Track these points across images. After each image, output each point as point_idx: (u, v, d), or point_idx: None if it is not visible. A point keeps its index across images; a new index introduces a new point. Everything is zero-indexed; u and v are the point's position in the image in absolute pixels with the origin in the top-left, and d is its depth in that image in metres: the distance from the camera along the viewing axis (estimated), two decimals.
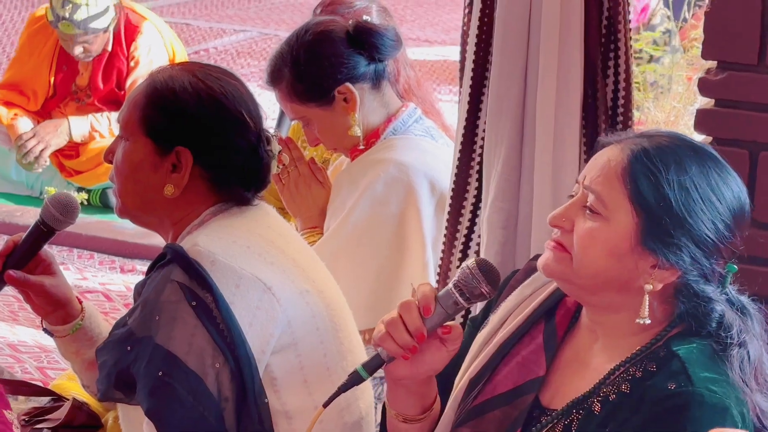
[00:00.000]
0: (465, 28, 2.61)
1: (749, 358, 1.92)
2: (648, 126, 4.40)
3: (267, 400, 2.34)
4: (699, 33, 4.71)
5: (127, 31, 5.44)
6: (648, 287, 1.92)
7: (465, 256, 2.68)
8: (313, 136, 3.24)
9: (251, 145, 2.45)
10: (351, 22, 3.20)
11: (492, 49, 2.54)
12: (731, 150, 2.14)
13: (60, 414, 2.82)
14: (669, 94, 4.66)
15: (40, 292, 2.57)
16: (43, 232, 2.57)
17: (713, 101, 2.35)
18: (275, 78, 3.20)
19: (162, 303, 2.31)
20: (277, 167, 2.55)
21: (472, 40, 2.58)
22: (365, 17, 3.32)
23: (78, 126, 5.40)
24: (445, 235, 2.76)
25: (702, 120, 2.35)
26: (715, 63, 2.34)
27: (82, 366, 2.64)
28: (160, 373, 2.27)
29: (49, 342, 2.70)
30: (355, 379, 2.05)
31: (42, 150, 5.37)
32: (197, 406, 2.28)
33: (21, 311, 3.98)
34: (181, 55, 5.64)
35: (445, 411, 2.13)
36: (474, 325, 2.20)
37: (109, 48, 5.43)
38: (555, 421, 1.98)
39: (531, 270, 2.15)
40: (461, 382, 2.13)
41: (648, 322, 1.93)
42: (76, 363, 2.67)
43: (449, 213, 2.74)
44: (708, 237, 1.92)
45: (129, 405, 2.39)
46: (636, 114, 4.67)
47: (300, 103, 3.17)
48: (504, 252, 2.62)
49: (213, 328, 2.29)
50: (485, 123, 2.58)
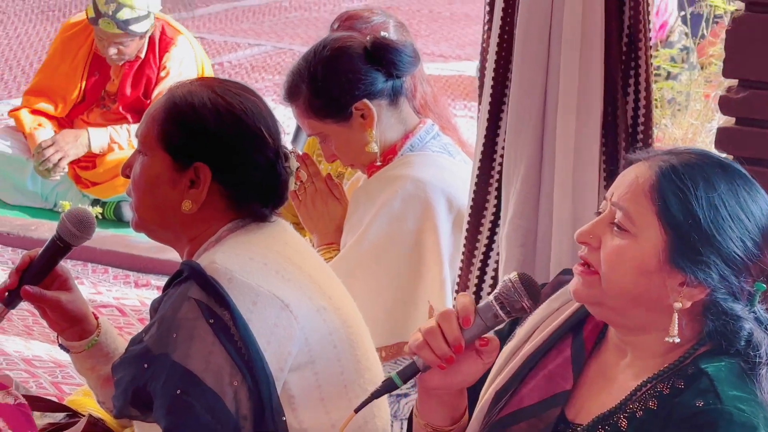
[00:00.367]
0: (484, 45, 2.61)
1: None
2: (666, 143, 4.39)
3: (285, 418, 2.33)
4: (717, 50, 4.71)
5: (162, 42, 5.46)
6: (677, 305, 1.91)
7: (483, 273, 2.68)
8: (330, 152, 3.23)
9: (270, 162, 2.45)
10: (369, 38, 3.20)
11: (512, 67, 2.54)
12: (752, 169, 2.11)
13: (75, 430, 2.82)
14: (687, 111, 4.65)
15: (56, 307, 2.57)
16: (60, 247, 2.57)
17: (734, 119, 2.34)
18: (292, 94, 3.20)
19: (179, 320, 2.30)
20: (295, 184, 2.55)
21: (491, 57, 2.58)
22: (383, 33, 3.31)
23: (97, 137, 5.41)
24: (463, 253, 2.76)
25: (723, 138, 2.35)
26: (736, 81, 2.33)
27: (97, 382, 2.64)
28: (177, 391, 2.26)
29: (64, 357, 2.69)
30: (389, 387, 2.05)
31: (60, 159, 5.37)
32: (215, 424, 2.27)
33: (36, 325, 3.98)
34: (209, 72, 5.66)
35: (471, 423, 2.12)
36: (500, 338, 2.18)
37: (143, 55, 5.44)
38: None
39: (559, 284, 2.15)
40: (487, 394, 2.12)
41: (677, 340, 1.92)
42: (91, 379, 2.66)
43: (467, 230, 2.74)
44: (736, 255, 1.91)
45: (145, 422, 2.37)
46: (654, 131, 4.68)
47: (317, 120, 3.17)
48: (522, 270, 2.59)
49: (231, 345, 2.28)
50: (504, 140, 2.58)
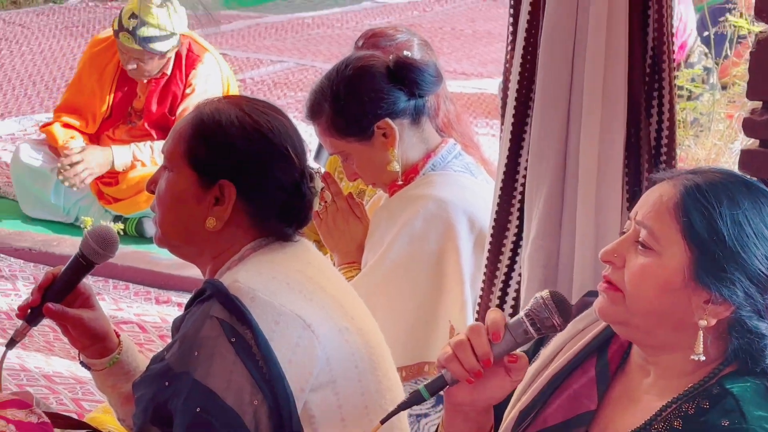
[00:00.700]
0: (507, 64, 2.61)
1: None
2: (689, 163, 4.39)
3: None
4: (741, 70, 4.70)
5: (189, 59, 5.47)
6: (702, 323, 1.91)
7: (505, 294, 2.67)
8: (352, 170, 3.23)
9: (295, 182, 2.45)
10: (392, 57, 3.19)
11: (535, 87, 2.54)
12: None
13: None
14: (709, 131, 4.65)
15: (78, 325, 2.58)
16: (83, 265, 2.58)
17: (758, 141, 2.34)
18: (315, 112, 3.19)
19: (201, 339, 2.30)
20: (319, 204, 2.55)
21: (514, 77, 2.58)
22: (406, 52, 3.31)
23: (121, 155, 5.42)
24: (485, 273, 2.75)
25: (747, 160, 2.34)
26: (761, 103, 2.33)
27: (118, 400, 2.64)
28: (198, 410, 2.26)
29: (85, 373, 2.70)
30: (416, 399, 2.05)
31: (87, 175, 5.40)
32: None
33: (56, 341, 3.99)
34: (234, 89, 5.68)
35: None
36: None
37: (169, 71, 5.47)
38: None
39: (584, 305, 2.15)
40: (511, 413, 2.12)
41: (703, 358, 1.92)
42: (112, 397, 2.67)
43: (489, 251, 2.73)
44: (761, 272, 1.91)
45: None
46: (677, 152, 4.68)
47: (339, 138, 3.16)
48: None
49: (252, 364, 2.28)
50: (527, 161, 2.58)
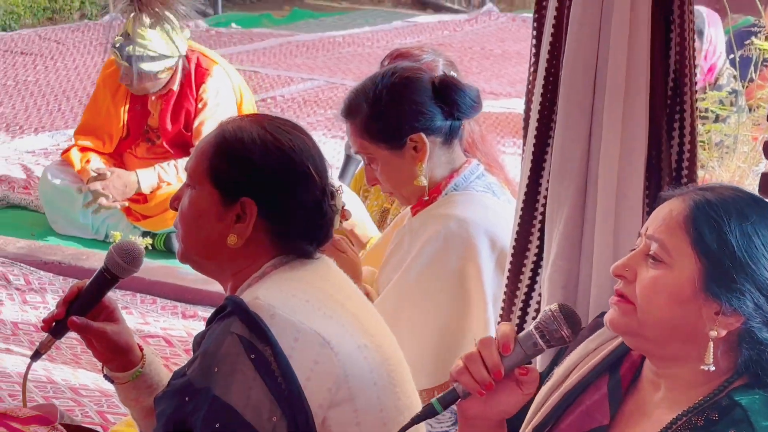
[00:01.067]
0: (530, 86, 2.61)
1: None
2: (721, 182, 4.37)
3: None
4: (765, 93, 4.68)
5: (198, 74, 5.47)
6: (713, 333, 1.93)
7: (525, 314, 2.67)
8: (373, 175, 3.23)
9: (316, 200, 2.46)
10: (439, 74, 3.20)
11: (557, 108, 2.54)
12: None
13: None
14: (734, 154, 4.63)
15: (102, 338, 2.59)
16: (107, 279, 2.59)
17: None
18: (351, 111, 3.19)
19: (221, 355, 2.30)
20: (340, 223, 2.56)
21: (536, 99, 2.58)
22: (452, 73, 3.29)
23: (146, 179, 5.44)
24: (505, 293, 2.75)
25: (766, 184, 2.33)
26: None
27: (141, 413, 2.65)
28: (217, 425, 2.27)
29: (110, 386, 2.71)
30: (430, 412, 2.07)
31: (112, 203, 5.42)
32: None
33: (84, 354, 4.00)
34: (249, 100, 5.65)
35: None
36: (540, 379, 2.19)
37: (175, 88, 5.46)
38: None
39: (596, 326, 2.18)
40: (527, 429, 2.14)
41: (713, 368, 1.93)
42: (135, 410, 2.68)
43: (509, 271, 2.72)
44: None
45: None
46: (701, 173, 4.63)
47: (370, 141, 3.16)
48: None
49: (271, 381, 2.29)
50: (548, 182, 2.57)
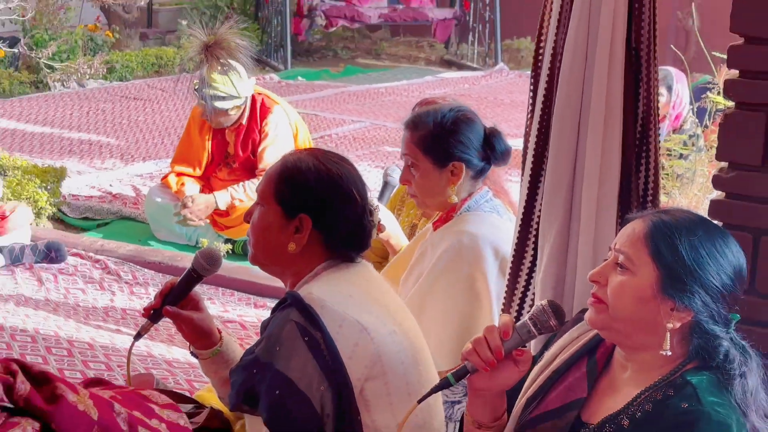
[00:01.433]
0: (527, 129, 2.61)
1: (748, 387, 1.92)
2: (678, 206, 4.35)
3: (360, 417, 2.33)
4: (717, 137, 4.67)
5: (262, 111, 5.46)
6: (669, 326, 1.93)
7: (521, 309, 2.65)
8: (409, 175, 3.17)
9: (358, 216, 2.47)
10: (492, 125, 3.18)
11: (548, 146, 2.53)
12: (738, 233, 2.11)
13: (200, 419, 2.82)
14: (692, 184, 4.60)
15: (189, 323, 2.61)
16: (194, 277, 2.61)
17: (724, 194, 2.32)
18: (417, 124, 3.13)
19: (282, 337, 2.32)
20: (376, 234, 2.56)
21: (532, 138, 2.57)
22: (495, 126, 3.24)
23: (221, 199, 5.47)
24: (505, 292, 2.73)
25: (714, 208, 2.32)
26: (727, 164, 2.31)
27: (219, 382, 2.67)
28: (277, 392, 2.28)
29: (196, 360, 2.72)
30: (445, 384, 2.09)
31: (194, 220, 5.46)
32: (304, 419, 2.28)
33: (177, 335, 4.01)
34: (304, 133, 5.64)
35: (508, 423, 2.14)
36: (533, 360, 2.20)
37: (244, 122, 5.46)
38: None
39: (578, 319, 2.19)
40: (521, 400, 2.15)
41: (669, 353, 1.94)
42: (214, 380, 2.69)
43: (509, 275, 2.71)
44: (714, 284, 1.93)
45: (253, 416, 2.39)
46: (665, 199, 4.61)
47: (421, 152, 3.10)
48: None
49: (320, 359, 2.30)
50: (541, 204, 2.56)
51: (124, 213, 6.00)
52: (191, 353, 2.69)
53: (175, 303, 2.59)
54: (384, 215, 3.67)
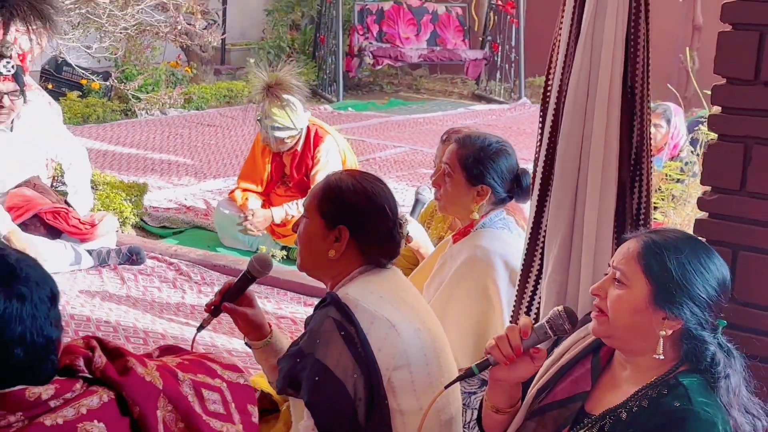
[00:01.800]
0: (536, 155, 2.60)
1: (732, 386, 1.90)
2: (670, 226, 4.30)
3: (387, 401, 2.34)
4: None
5: (315, 139, 5.50)
6: (662, 333, 1.92)
7: (529, 311, 2.63)
8: (443, 182, 3.14)
9: (389, 228, 2.48)
10: (522, 167, 3.15)
11: (554, 170, 2.52)
12: (719, 248, 2.09)
13: None
14: (686, 205, 4.54)
15: (243, 318, 2.62)
16: (248, 278, 2.63)
17: (707, 214, 2.30)
18: (466, 142, 3.11)
19: (321, 332, 2.33)
20: (405, 244, 2.56)
21: (540, 163, 2.56)
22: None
23: (277, 213, 5.52)
24: (515, 298, 2.71)
25: (699, 226, 2.30)
26: (710, 187, 2.30)
27: (269, 369, 2.68)
28: (316, 378, 2.29)
29: (250, 350, 2.73)
30: (469, 373, 2.10)
31: (254, 232, 5.52)
32: (339, 402, 2.29)
33: (236, 328, 4.04)
34: (351, 159, 5.67)
35: (520, 409, 2.14)
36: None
37: (299, 148, 5.50)
38: (593, 423, 1.98)
39: (585, 322, 2.17)
40: (532, 390, 2.14)
41: (662, 357, 1.93)
42: (265, 367, 2.71)
43: (519, 281, 2.69)
44: (701, 296, 1.92)
45: (296, 398, 2.40)
46: (661, 217, 4.57)
47: (460, 166, 3.08)
48: None
49: (354, 350, 2.31)
50: (547, 220, 2.55)
51: (196, 223, 6.05)
52: (246, 343, 2.71)
53: (233, 300, 2.61)
54: (415, 228, 3.68)
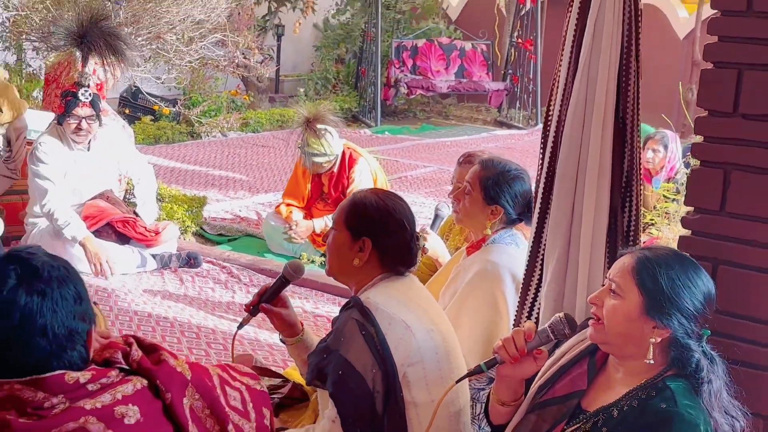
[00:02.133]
0: (538, 177, 2.57)
1: (713, 390, 1.86)
2: (663, 240, 4.22)
3: (402, 394, 2.32)
4: None
5: (350, 161, 5.50)
6: (652, 340, 1.89)
7: (530, 316, 2.60)
8: (461, 197, 3.10)
9: (407, 240, 2.46)
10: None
11: (553, 192, 2.49)
12: (701, 263, 2.04)
13: (285, 390, 2.85)
14: (678, 222, 4.47)
15: (279, 317, 2.63)
16: (283, 282, 2.63)
17: (691, 231, 2.26)
18: (488, 165, 3.06)
19: (345, 331, 2.32)
20: (421, 255, 2.54)
21: (541, 184, 2.54)
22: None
23: (318, 225, 5.53)
24: (518, 303, 2.68)
25: (683, 242, 2.26)
26: (693, 208, 2.25)
27: (300, 363, 2.68)
28: (340, 372, 2.28)
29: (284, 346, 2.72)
30: (478, 370, 2.08)
31: (297, 239, 5.53)
32: (360, 393, 2.28)
33: None
34: (381, 178, 5.66)
35: (522, 403, 2.11)
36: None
37: (335, 170, 5.51)
38: (588, 419, 1.95)
39: (582, 327, 2.13)
40: (534, 387, 2.11)
41: (652, 362, 1.89)
42: (297, 361, 2.71)
43: (521, 289, 2.66)
44: (687, 308, 1.88)
45: (322, 389, 2.39)
46: (656, 233, 4.49)
47: (480, 185, 3.03)
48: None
49: (374, 348, 2.29)
50: (546, 236, 2.52)
51: (248, 231, 6.06)
52: (281, 340, 2.71)
53: (269, 301, 2.61)
54: (434, 239, 3.65)
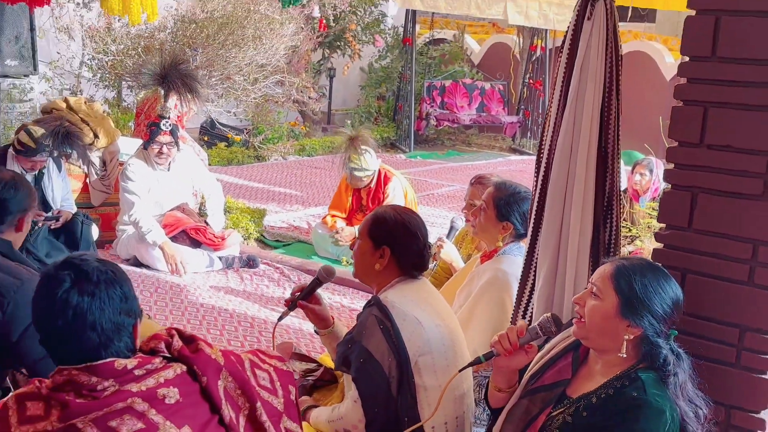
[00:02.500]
0: (532, 197, 2.51)
1: (678, 382, 1.81)
2: (644, 252, 4.11)
3: (414, 379, 2.28)
4: None
5: (385, 179, 5.49)
6: (626, 337, 1.85)
7: (524, 316, 2.54)
8: (476, 213, 3.03)
9: (420, 249, 2.43)
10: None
11: (545, 209, 2.43)
12: (671, 272, 1.97)
13: (318, 373, 2.82)
14: None
15: (313, 312, 2.61)
16: (318, 282, 2.61)
17: (663, 245, 2.18)
18: (502, 187, 2.99)
19: (366, 325, 2.30)
20: (432, 262, 2.50)
21: (534, 202, 2.48)
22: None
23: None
24: (514, 305, 2.62)
25: (656, 254, 2.19)
26: (665, 225, 2.17)
27: (332, 351, 2.65)
28: (361, 360, 2.26)
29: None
30: (477, 361, 2.06)
31: (342, 242, 5.52)
32: (378, 378, 2.25)
33: None
34: (411, 195, 5.63)
35: (517, 390, 2.07)
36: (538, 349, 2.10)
37: (372, 185, 5.49)
38: (571, 404, 1.91)
39: (567, 326, 2.09)
40: (526, 376, 2.08)
41: (625, 356, 1.85)
42: (328, 348, 2.68)
43: (517, 294, 2.60)
44: (658, 311, 1.83)
45: (347, 374, 2.36)
46: (639, 244, 4.38)
47: (492, 203, 2.97)
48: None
49: (390, 340, 2.26)
50: (539, 248, 2.46)
51: (300, 238, 6.07)
52: (315, 331, 2.69)
53: (305, 298, 2.60)
54: (449, 248, 3.60)
